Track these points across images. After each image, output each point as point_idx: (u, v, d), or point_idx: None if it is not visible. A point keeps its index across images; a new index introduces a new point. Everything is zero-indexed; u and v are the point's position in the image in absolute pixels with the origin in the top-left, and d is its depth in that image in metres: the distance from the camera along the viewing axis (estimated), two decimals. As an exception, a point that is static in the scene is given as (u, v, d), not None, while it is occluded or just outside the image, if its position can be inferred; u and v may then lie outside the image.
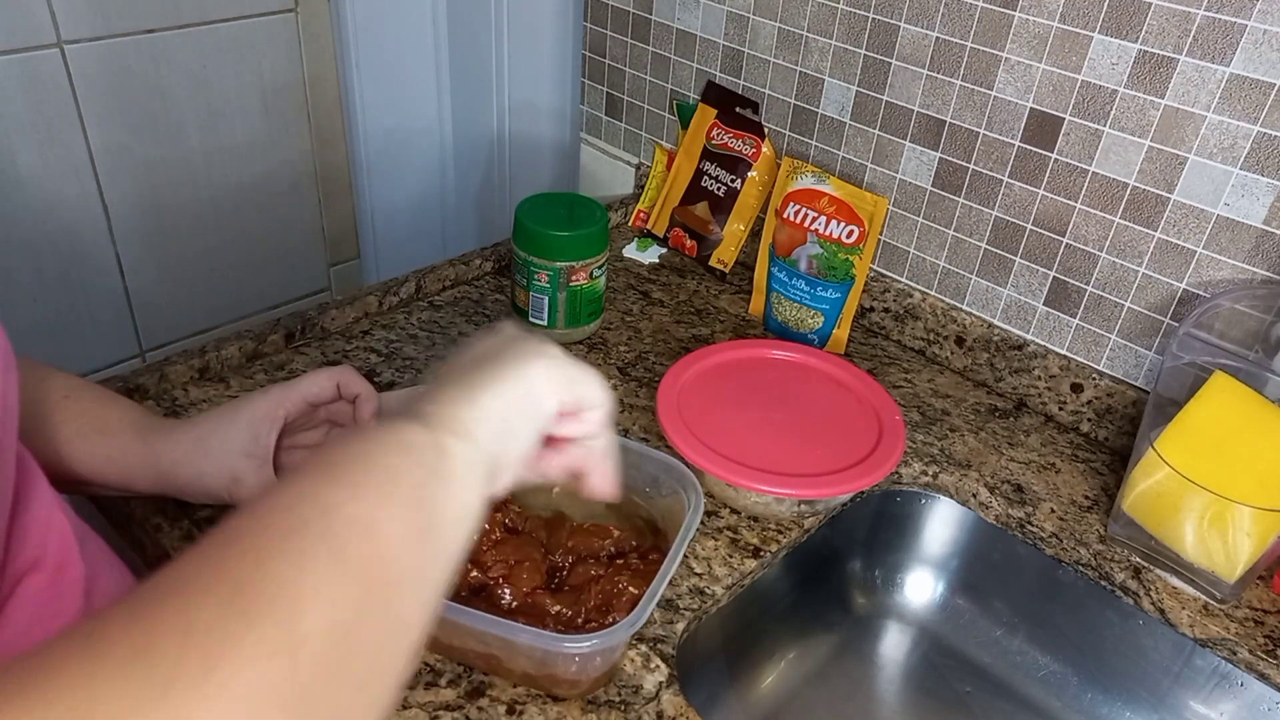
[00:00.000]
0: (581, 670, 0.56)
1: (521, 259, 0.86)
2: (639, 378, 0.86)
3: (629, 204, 1.12)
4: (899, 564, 0.82)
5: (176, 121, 1.04)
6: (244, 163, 1.12)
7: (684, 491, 0.62)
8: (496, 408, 0.44)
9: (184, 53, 1.02)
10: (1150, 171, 0.75)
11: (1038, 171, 0.81)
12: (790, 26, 0.94)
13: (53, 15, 0.92)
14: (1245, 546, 0.66)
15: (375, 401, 0.65)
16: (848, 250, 0.90)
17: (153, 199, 1.06)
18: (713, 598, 0.66)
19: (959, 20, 0.82)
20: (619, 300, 0.98)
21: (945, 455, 0.81)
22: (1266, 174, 0.70)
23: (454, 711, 0.56)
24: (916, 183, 0.90)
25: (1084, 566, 0.72)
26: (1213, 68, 0.70)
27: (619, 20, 1.10)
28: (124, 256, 1.06)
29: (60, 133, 0.96)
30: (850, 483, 0.69)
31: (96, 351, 1.08)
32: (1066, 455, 0.83)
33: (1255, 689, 0.65)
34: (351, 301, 0.90)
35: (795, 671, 0.78)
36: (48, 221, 0.99)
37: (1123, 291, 0.80)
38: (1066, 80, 0.77)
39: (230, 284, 1.17)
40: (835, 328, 0.93)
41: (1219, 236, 0.73)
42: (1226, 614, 0.69)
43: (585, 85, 1.18)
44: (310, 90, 1.14)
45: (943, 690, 0.78)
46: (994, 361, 0.89)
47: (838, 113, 0.93)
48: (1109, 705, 0.73)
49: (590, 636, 0.52)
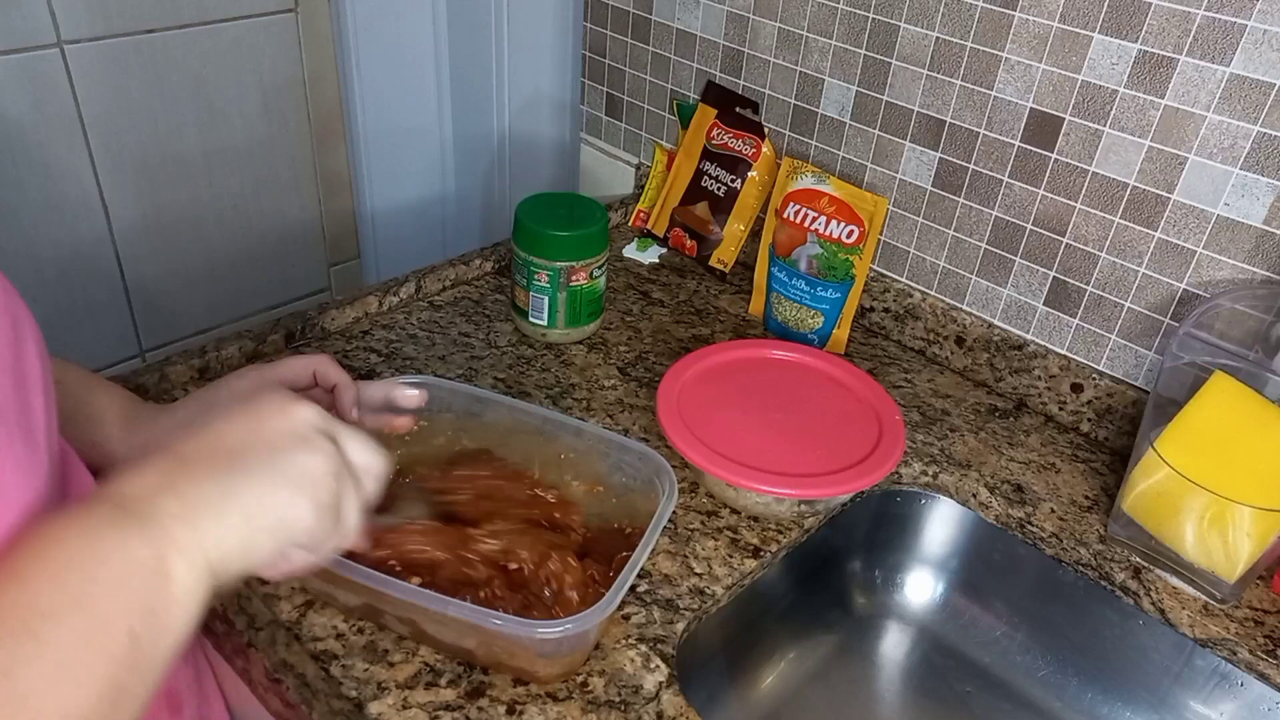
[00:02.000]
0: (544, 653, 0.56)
1: (521, 259, 0.86)
2: (639, 378, 0.86)
3: (629, 204, 1.12)
4: (899, 564, 0.82)
5: (176, 121, 1.04)
6: (244, 163, 1.12)
7: (657, 479, 0.63)
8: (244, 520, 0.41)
9: (184, 53, 1.02)
10: (1150, 171, 0.75)
11: (1038, 171, 0.81)
12: (790, 26, 0.94)
13: (53, 15, 0.92)
14: (1245, 546, 0.66)
15: (353, 391, 0.64)
16: (848, 250, 0.90)
17: (153, 199, 1.06)
18: (713, 598, 0.66)
19: (959, 20, 0.82)
20: (619, 300, 0.98)
21: (945, 455, 0.81)
22: (1266, 174, 0.70)
23: (454, 711, 0.56)
24: (916, 183, 0.90)
25: (1084, 566, 0.72)
26: (1213, 68, 0.70)
27: (619, 20, 1.10)
28: (124, 256, 1.06)
29: (60, 133, 0.96)
30: (850, 483, 0.69)
31: (96, 351, 1.08)
32: (1066, 455, 0.83)
33: (1255, 689, 0.65)
34: (351, 301, 0.90)
35: (795, 671, 0.78)
36: (48, 222, 0.99)
37: (1123, 291, 0.80)
38: (1066, 80, 0.77)
39: (230, 284, 1.17)
40: (835, 328, 0.93)
41: (1219, 236, 0.73)
42: (1226, 614, 0.69)
43: (585, 85, 1.18)
44: (310, 90, 1.14)
45: (943, 690, 0.78)
46: (994, 361, 0.89)
47: (838, 113, 0.93)
48: (1109, 705, 0.73)
49: (563, 622, 0.52)
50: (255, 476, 0.42)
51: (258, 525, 0.41)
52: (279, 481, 0.42)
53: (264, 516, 0.42)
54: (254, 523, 0.41)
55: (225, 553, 0.40)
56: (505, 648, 0.56)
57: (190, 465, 0.41)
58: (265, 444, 0.43)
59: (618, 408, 0.82)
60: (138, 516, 0.38)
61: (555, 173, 1.23)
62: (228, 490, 0.41)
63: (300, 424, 0.45)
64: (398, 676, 0.58)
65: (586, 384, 0.85)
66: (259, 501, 0.41)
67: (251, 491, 0.41)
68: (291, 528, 0.43)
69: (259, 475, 0.42)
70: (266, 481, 0.42)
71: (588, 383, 0.85)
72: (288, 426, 0.44)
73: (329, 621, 0.61)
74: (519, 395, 0.82)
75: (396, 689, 0.57)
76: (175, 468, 0.41)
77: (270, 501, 0.42)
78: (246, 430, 0.44)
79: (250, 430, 0.44)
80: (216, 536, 0.39)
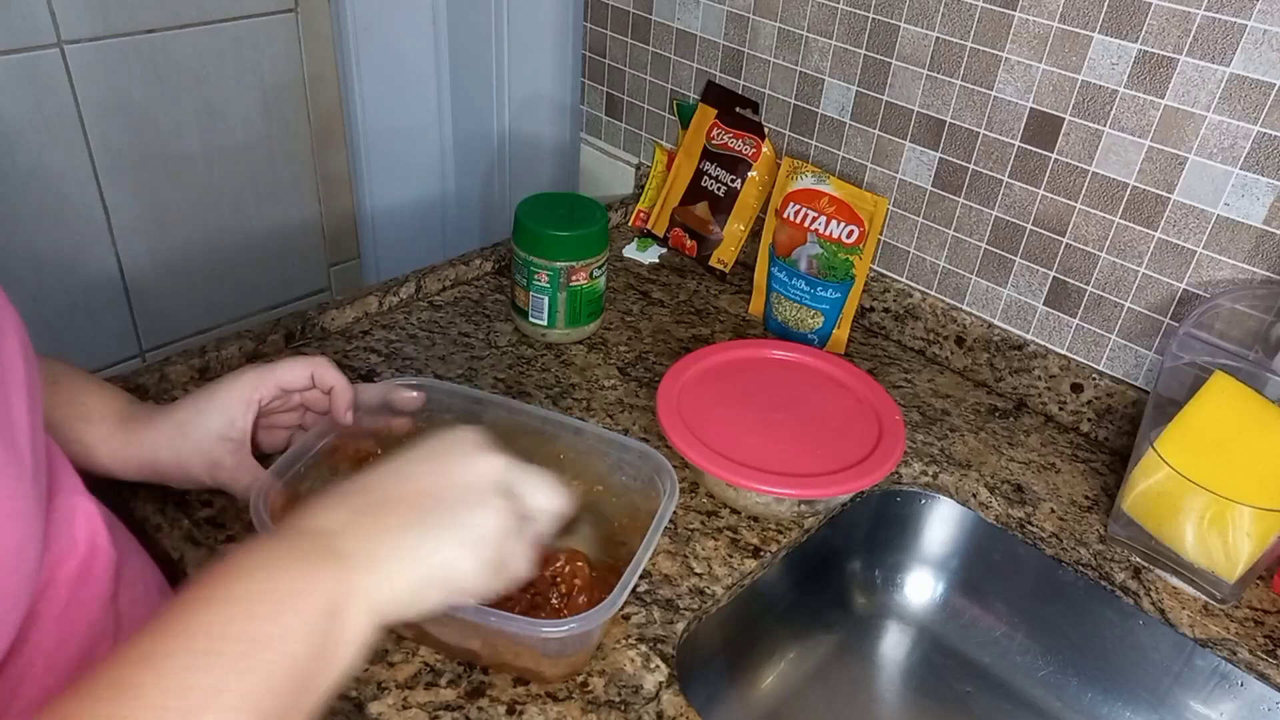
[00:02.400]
0: (550, 652, 0.56)
1: (521, 259, 0.86)
2: (639, 378, 0.86)
3: (629, 204, 1.12)
4: (899, 564, 0.82)
5: (176, 121, 1.04)
6: (244, 163, 1.12)
7: (657, 478, 0.63)
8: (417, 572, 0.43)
9: (184, 53, 1.02)
10: (1150, 171, 0.75)
11: (1038, 171, 0.81)
12: (790, 26, 0.94)
13: (53, 15, 0.92)
14: (1245, 546, 0.66)
15: (349, 395, 0.65)
16: (848, 250, 0.90)
17: (153, 199, 1.06)
18: (713, 598, 0.66)
19: (959, 20, 0.82)
20: (619, 300, 0.98)
21: (945, 455, 0.81)
22: (1266, 174, 0.70)
23: (454, 711, 0.56)
24: (916, 183, 0.90)
25: (1084, 566, 0.72)
26: (1213, 68, 0.70)
27: (619, 20, 1.10)
28: (124, 256, 1.06)
29: (60, 133, 0.96)
30: (850, 483, 0.69)
31: (96, 351, 1.08)
32: (1066, 455, 0.83)
33: (1255, 689, 0.65)
34: (351, 301, 0.90)
35: (795, 671, 0.78)
36: (48, 221, 0.99)
37: (1123, 291, 0.80)
38: (1066, 80, 0.77)
39: (230, 284, 1.17)
40: (835, 328, 0.93)
41: (1219, 236, 0.73)
42: (1226, 614, 0.69)
43: (585, 85, 1.18)
44: (310, 90, 1.14)
45: (943, 690, 0.78)
46: (994, 361, 0.89)
47: (838, 113, 0.93)
48: (1109, 705, 0.73)
49: (567, 621, 0.52)
50: (436, 532, 0.44)
51: (429, 580, 0.43)
52: (458, 539, 0.44)
53: (437, 572, 0.44)
54: (427, 578, 0.43)
55: (397, 602, 0.42)
56: (510, 648, 0.56)
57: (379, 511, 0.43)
58: (448, 499, 0.45)
59: (618, 408, 0.82)
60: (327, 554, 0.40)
61: (555, 173, 1.23)
62: (410, 544, 0.43)
63: (482, 479, 0.47)
64: (398, 676, 0.58)
65: (586, 384, 0.85)
66: (437, 557, 0.43)
67: (430, 546, 0.43)
68: (456, 583, 0.45)
69: (439, 531, 0.44)
70: (446, 539, 0.44)
71: (588, 383, 0.85)
72: (472, 481, 0.46)
73: (329, 621, 0.61)
74: (519, 395, 0.82)
75: (396, 689, 0.57)
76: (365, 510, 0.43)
77: (445, 557, 0.44)
78: (432, 479, 0.46)
79: (436, 478, 0.46)
80: (392, 587, 0.41)
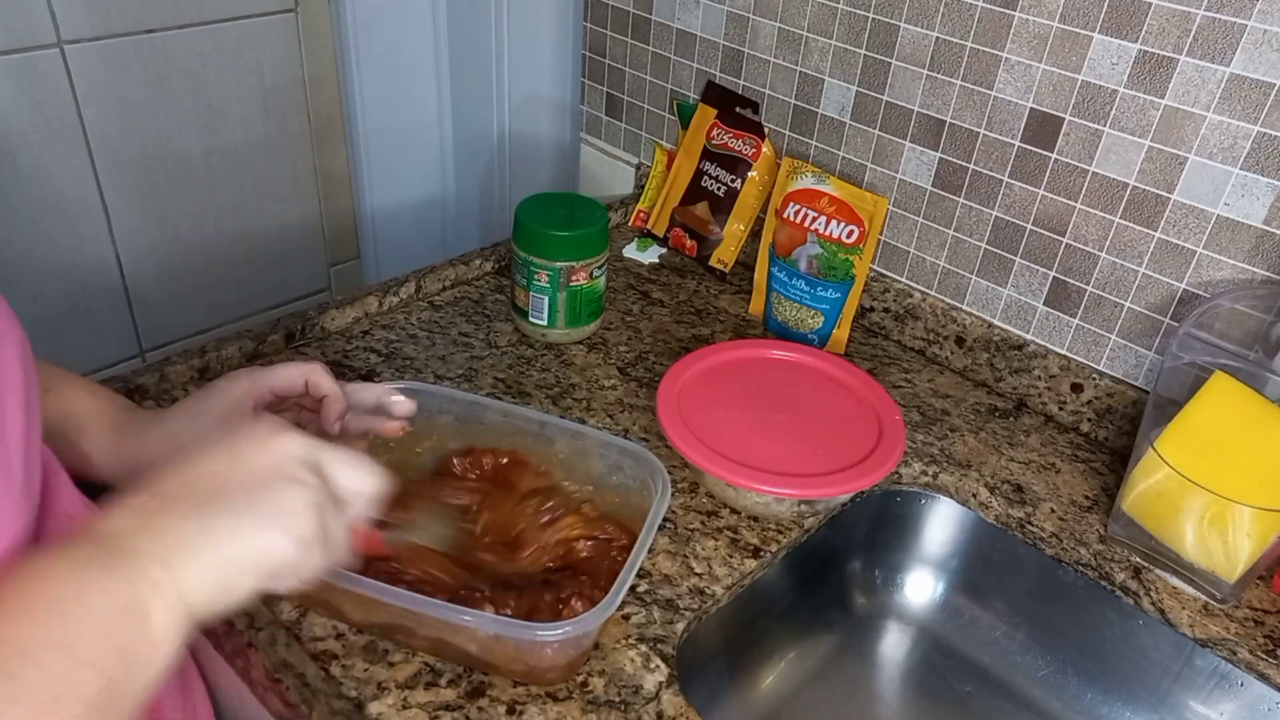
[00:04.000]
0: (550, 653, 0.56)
1: (521, 259, 0.86)
2: (639, 378, 0.86)
3: (629, 204, 1.12)
4: (899, 564, 0.82)
5: (176, 121, 1.04)
6: (244, 163, 1.12)
7: (651, 480, 0.63)
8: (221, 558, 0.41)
9: (184, 53, 1.02)
10: (1150, 171, 0.75)
11: (1038, 171, 0.81)
12: (790, 26, 0.94)
13: (53, 15, 0.92)
14: (1245, 546, 0.66)
15: (341, 405, 0.63)
16: (848, 250, 0.90)
17: (153, 199, 1.06)
18: (713, 598, 0.66)
19: (959, 20, 0.82)
20: (619, 300, 0.98)
21: (945, 455, 0.81)
22: (1266, 174, 0.70)
23: (454, 711, 0.56)
24: (916, 183, 0.90)
25: (1084, 566, 0.72)
26: (1213, 68, 0.70)
27: (619, 20, 1.10)
28: (124, 256, 1.06)
29: (60, 133, 0.96)
30: (850, 483, 0.69)
31: (96, 351, 1.08)
32: (1066, 455, 0.83)
33: (1255, 689, 0.65)
34: (351, 301, 0.90)
35: (795, 671, 0.78)
36: (48, 221, 0.99)
37: (1123, 291, 0.80)
38: (1066, 80, 0.77)
39: (230, 284, 1.17)
40: (835, 328, 0.93)
41: (1219, 236, 0.73)
42: (1226, 614, 0.69)
43: (585, 85, 1.18)
44: (310, 90, 1.14)
45: (943, 690, 0.78)
46: (994, 361, 0.89)
47: (838, 113, 0.93)
48: (1109, 705, 0.73)
49: (563, 624, 0.52)
50: (233, 516, 0.42)
51: (236, 565, 0.41)
52: (258, 519, 0.42)
53: (242, 556, 0.42)
54: (232, 563, 0.41)
55: (204, 593, 0.40)
56: (506, 652, 0.56)
57: (168, 504, 0.41)
58: (243, 481, 0.43)
59: (618, 408, 0.82)
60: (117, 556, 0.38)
61: (555, 173, 1.23)
62: (205, 531, 0.41)
63: (280, 457, 0.45)
64: (398, 676, 0.58)
65: (586, 384, 0.85)
66: (237, 541, 0.41)
67: (228, 531, 0.41)
68: (271, 563, 0.43)
69: (236, 514, 0.42)
70: (244, 520, 0.42)
71: (588, 383, 0.85)
72: (267, 461, 0.44)
73: (329, 622, 0.61)
74: (519, 395, 0.82)
75: (396, 689, 0.57)
76: (154, 506, 0.41)
77: (248, 541, 0.42)
78: (225, 466, 0.44)
79: (228, 466, 0.44)
80: (194, 578, 0.40)
